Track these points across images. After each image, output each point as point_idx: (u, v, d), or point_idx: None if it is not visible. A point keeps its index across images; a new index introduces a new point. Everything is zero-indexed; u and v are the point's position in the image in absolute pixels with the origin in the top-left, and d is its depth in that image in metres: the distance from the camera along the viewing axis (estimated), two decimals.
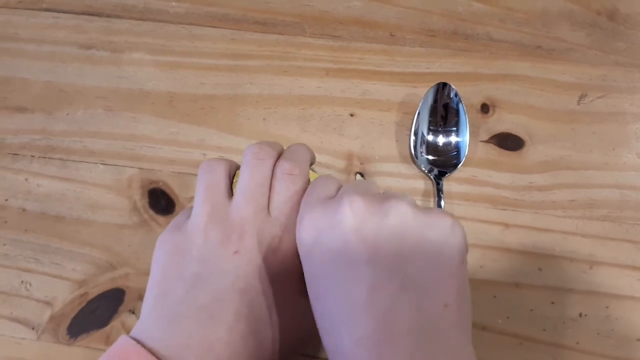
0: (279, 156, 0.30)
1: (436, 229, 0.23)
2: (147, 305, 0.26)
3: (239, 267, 0.26)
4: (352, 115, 0.40)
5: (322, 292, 0.24)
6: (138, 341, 0.23)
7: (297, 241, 0.25)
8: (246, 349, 0.25)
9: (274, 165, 0.29)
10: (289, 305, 0.27)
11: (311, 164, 0.31)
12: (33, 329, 0.34)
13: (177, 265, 0.26)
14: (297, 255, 0.26)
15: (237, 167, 0.30)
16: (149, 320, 0.25)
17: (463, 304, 0.23)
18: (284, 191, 0.28)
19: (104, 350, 0.34)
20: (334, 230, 0.23)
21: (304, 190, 0.28)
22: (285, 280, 0.27)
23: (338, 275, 0.23)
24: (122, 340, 0.24)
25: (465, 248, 0.24)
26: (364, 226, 0.23)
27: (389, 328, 0.21)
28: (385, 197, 0.24)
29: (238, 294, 0.25)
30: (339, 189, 0.27)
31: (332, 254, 0.23)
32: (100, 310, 0.35)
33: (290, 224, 0.27)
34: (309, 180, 0.29)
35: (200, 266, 0.26)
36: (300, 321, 0.27)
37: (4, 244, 0.37)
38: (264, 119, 0.40)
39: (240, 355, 0.24)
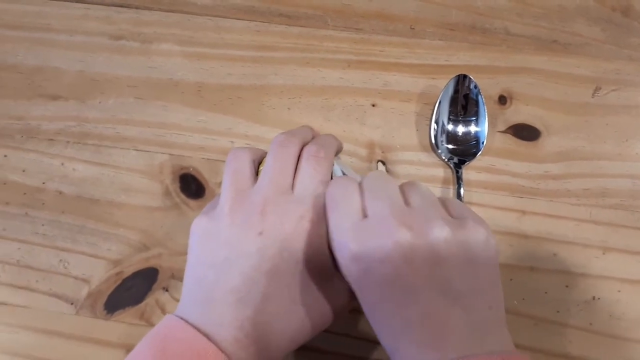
0: (306, 143, 0.31)
1: (475, 244, 0.25)
2: (186, 290, 0.28)
3: (263, 248, 0.26)
4: (373, 105, 0.42)
5: (376, 311, 0.25)
6: (181, 318, 0.25)
7: (343, 270, 0.26)
8: (273, 327, 0.26)
9: (301, 150, 0.30)
10: (316, 284, 0.28)
11: (337, 153, 0.33)
12: (72, 304, 0.36)
13: (208, 251, 0.28)
14: (322, 234, 0.27)
15: (264, 155, 0.31)
16: (188, 303, 0.27)
17: (501, 301, 0.26)
18: (309, 171, 0.28)
19: (139, 325, 0.36)
20: (383, 264, 0.24)
21: (329, 172, 0.29)
22: (312, 259, 0.27)
23: (391, 301, 0.24)
24: (168, 318, 0.26)
25: (497, 255, 0.26)
26: (412, 257, 0.24)
27: (446, 335, 0.24)
28: (424, 220, 0.25)
29: (265, 276, 0.26)
30: (360, 196, 0.27)
31: (384, 284, 0.24)
32: (135, 288, 0.37)
33: (316, 202, 0.28)
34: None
35: (228, 250, 0.27)
36: (328, 299, 0.28)
37: (43, 225, 0.38)
38: (288, 109, 0.42)
39: (269, 333, 0.26)
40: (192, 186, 0.39)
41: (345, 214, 0.26)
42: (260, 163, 0.31)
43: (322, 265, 0.28)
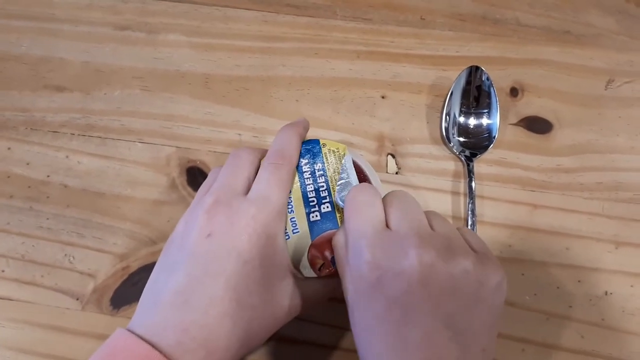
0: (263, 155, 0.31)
1: (489, 284, 0.25)
2: (141, 297, 0.28)
3: (210, 250, 0.26)
4: (383, 97, 0.41)
5: (372, 327, 0.24)
6: (128, 329, 0.25)
7: (354, 270, 0.25)
8: (222, 329, 0.25)
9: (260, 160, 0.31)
10: (266, 285, 0.27)
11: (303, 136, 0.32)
12: (77, 299, 0.36)
13: (165, 255, 0.29)
14: (273, 234, 0.27)
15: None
16: (139, 311, 0.27)
17: (494, 346, 0.25)
18: (266, 175, 0.29)
19: None
20: (398, 277, 0.24)
21: (290, 173, 0.29)
22: (262, 260, 0.27)
23: (393, 316, 0.24)
24: (117, 331, 0.26)
25: (504, 302, 0.26)
26: (429, 280, 0.24)
27: None
28: (448, 246, 0.25)
29: (211, 277, 0.26)
30: (383, 207, 0.27)
31: (392, 298, 0.24)
32: (142, 283, 0.36)
33: (269, 203, 0.28)
34: (324, 154, 0.31)
35: (179, 253, 0.27)
36: (280, 300, 0.28)
37: (47, 218, 0.38)
38: (296, 101, 0.41)
39: (216, 336, 0.25)
40: (198, 179, 0.39)
41: (368, 220, 0.26)
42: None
43: (272, 266, 0.28)
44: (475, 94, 0.39)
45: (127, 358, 0.24)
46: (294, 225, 0.29)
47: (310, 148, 0.31)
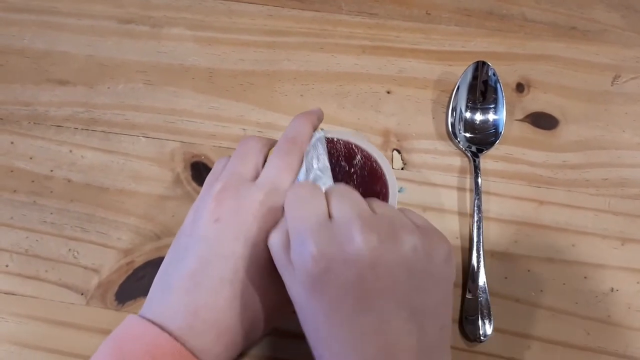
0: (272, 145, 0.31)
1: (438, 257, 0.24)
2: (153, 285, 0.29)
3: (220, 234, 0.27)
4: (388, 92, 0.41)
5: (324, 322, 0.24)
6: (141, 315, 0.26)
7: (299, 265, 0.24)
8: (232, 311, 0.26)
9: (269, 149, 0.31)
10: (272, 271, 0.27)
11: (316, 127, 0.32)
12: (82, 294, 0.35)
13: (175, 245, 0.29)
14: (278, 219, 0.27)
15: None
16: (150, 298, 0.28)
17: (450, 322, 0.25)
18: (275, 162, 0.29)
19: None
20: (347, 264, 0.23)
21: (299, 159, 0.29)
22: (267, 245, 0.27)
23: (347, 305, 0.23)
24: (127, 318, 0.26)
25: (454, 274, 0.26)
26: (378, 262, 0.23)
27: (396, 353, 0.22)
28: (392, 226, 0.24)
29: (221, 260, 0.26)
30: (325, 198, 0.26)
31: (343, 287, 0.23)
32: (147, 278, 0.36)
33: (277, 189, 0.28)
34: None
35: (189, 240, 0.28)
36: (282, 288, 0.27)
37: (51, 213, 0.38)
38: (301, 95, 0.41)
39: (226, 318, 0.26)
40: (203, 174, 0.38)
41: (309, 213, 0.25)
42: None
43: None
44: (482, 89, 0.39)
45: (135, 342, 0.24)
46: None
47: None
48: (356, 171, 0.31)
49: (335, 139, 0.31)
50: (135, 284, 0.36)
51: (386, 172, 0.31)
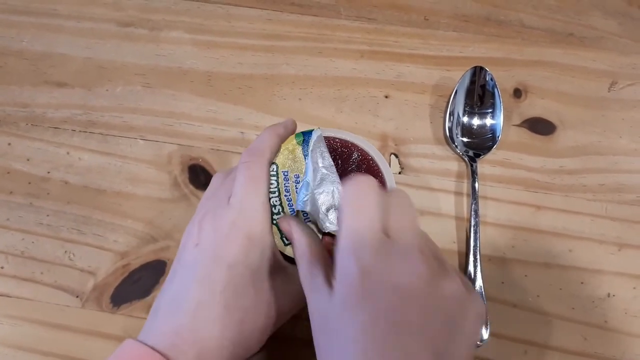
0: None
1: (472, 312, 0.24)
2: (152, 306, 0.30)
3: (198, 258, 0.28)
4: (386, 97, 0.41)
5: (352, 340, 0.23)
6: (137, 339, 0.27)
7: (344, 278, 0.24)
8: (212, 332, 0.27)
9: None
10: (255, 287, 0.28)
11: (285, 138, 0.32)
12: (77, 297, 0.35)
13: (172, 267, 0.30)
14: (257, 235, 0.28)
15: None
16: (148, 317, 0.29)
17: None
18: (238, 178, 0.29)
19: (145, 319, 0.35)
20: (394, 290, 0.23)
21: (262, 168, 0.29)
22: (248, 264, 0.27)
23: (378, 332, 0.22)
24: (124, 342, 0.27)
25: (484, 319, 0.25)
26: (423, 298, 0.23)
27: None
28: (445, 269, 0.24)
29: (198, 284, 0.27)
30: (382, 209, 0.25)
31: (383, 311, 0.22)
32: (143, 281, 0.36)
33: (242, 208, 0.28)
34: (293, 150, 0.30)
35: (177, 265, 0.29)
36: (271, 301, 0.28)
37: (47, 215, 0.37)
38: (299, 99, 0.41)
39: (206, 338, 0.27)
40: (201, 177, 0.38)
41: (366, 224, 0.24)
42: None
43: (260, 266, 0.28)
44: (480, 93, 0.39)
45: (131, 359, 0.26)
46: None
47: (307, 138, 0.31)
48: (353, 169, 0.31)
49: (331, 137, 0.31)
50: (131, 287, 0.36)
51: (383, 170, 0.31)
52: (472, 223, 0.36)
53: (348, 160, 0.31)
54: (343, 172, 0.31)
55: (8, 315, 0.35)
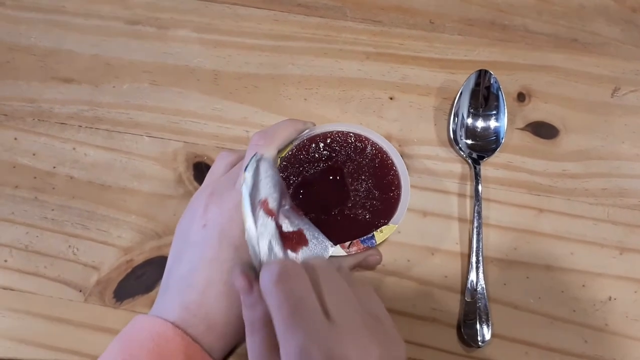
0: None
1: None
2: (160, 285, 0.32)
3: (206, 238, 0.29)
4: (391, 98, 0.41)
5: None
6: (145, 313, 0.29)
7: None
8: (220, 307, 0.29)
9: None
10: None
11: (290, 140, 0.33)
12: (80, 291, 0.35)
13: (173, 247, 0.32)
14: None
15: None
16: (158, 295, 0.31)
17: None
18: (247, 160, 0.29)
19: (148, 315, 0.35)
20: None
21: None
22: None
23: None
24: (136, 317, 0.29)
25: None
26: None
27: None
28: (392, 339, 0.23)
29: (207, 263, 0.29)
30: (314, 291, 0.23)
31: None
32: (146, 276, 0.36)
33: None
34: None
35: (183, 244, 0.31)
36: None
37: (52, 210, 0.38)
38: (305, 99, 0.41)
39: (214, 313, 0.29)
40: (205, 174, 0.38)
41: (308, 314, 0.22)
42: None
43: None
44: (485, 94, 0.39)
45: (143, 329, 0.28)
46: None
47: None
48: (367, 163, 0.32)
49: (345, 131, 0.32)
50: (134, 282, 0.36)
51: (396, 161, 0.32)
52: (475, 225, 0.36)
53: (363, 153, 0.32)
54: (358, 165, 0.32)
55: (11, 309, 0.35)
